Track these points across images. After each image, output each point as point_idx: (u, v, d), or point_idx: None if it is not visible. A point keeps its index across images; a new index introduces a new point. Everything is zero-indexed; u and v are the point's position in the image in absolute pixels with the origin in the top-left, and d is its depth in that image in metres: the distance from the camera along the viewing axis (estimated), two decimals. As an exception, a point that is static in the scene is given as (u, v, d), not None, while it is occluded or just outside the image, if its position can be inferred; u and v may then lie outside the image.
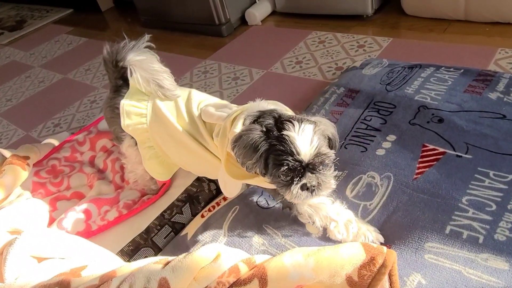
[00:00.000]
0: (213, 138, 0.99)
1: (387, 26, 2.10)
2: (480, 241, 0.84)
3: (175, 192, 1.21)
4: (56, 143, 1.49)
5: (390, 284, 0.73)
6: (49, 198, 1.28)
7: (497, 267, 0.79)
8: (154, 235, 1.13)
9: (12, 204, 1.13)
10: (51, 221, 1.19)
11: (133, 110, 1.09)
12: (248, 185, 1.11)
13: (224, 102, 1.08)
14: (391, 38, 1.96)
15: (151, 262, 0.72)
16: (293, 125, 0.79)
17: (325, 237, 0.95)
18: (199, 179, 1.25)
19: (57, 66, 2.77)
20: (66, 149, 1.44)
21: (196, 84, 2.05)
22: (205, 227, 1.13)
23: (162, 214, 1.17)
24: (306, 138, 0.78)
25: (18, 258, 0.81)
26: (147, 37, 1.08)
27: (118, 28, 3.23)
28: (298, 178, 0.79)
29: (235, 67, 2.11)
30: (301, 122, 0.80)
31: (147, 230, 1.13)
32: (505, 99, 1.16)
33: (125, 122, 1.09)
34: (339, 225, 0.91)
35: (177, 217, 1.19)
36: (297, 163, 0.78)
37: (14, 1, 4.65)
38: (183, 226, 1.18)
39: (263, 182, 0.88)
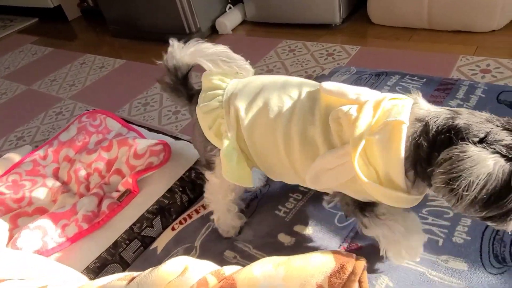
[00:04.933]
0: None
1: (355, 35, 2.15)
2: (440, 243, 0.86)
3: (144, 203, 1.17)
4: (17, 157, 1.43)
5: (361, 291, 0.73)
6: (9, 216, 1.22)
7: (457, 268, 0.80)
8: (122, 250, 1.09)
9: (-32, 223, 1.06)
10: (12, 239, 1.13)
11: (207, 108, 0.88)
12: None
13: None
14: (359, 46, 2.01)
15: (115, 279, 0.69)
16: None
17: (297, 246, 0.94)
18: (171, 190, 1.22)
19: (20, 77, 2.68)
20: (28, 163, 1.38)
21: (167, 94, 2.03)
22: (176, 241, 1.09)
23: (131, 228, 1.13)
24: None
25: (-28, 281, 0.76)
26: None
27: (86, 38, 3.17)
28: None
29: (206, 76, 2.10)
30: None
31: (115, 245, 1.09)
32: (464, 106, 1.19)
33: (205, 126, 0.88)
34: None
35: (147, 230, 1.15)
36: None
37: (-24, 10, 4.48)
38: (153, 240, 1.14)
39: (384, 195, 0.68)
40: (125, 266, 1.07)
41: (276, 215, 1.04)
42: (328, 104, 0.77)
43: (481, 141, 0.58)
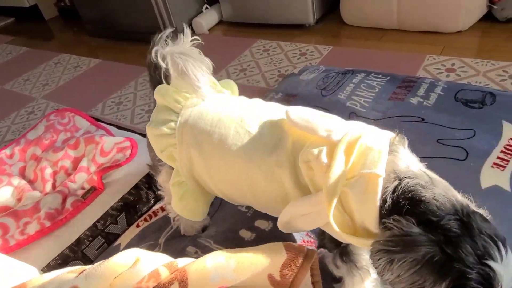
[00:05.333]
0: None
1: (328, 35, 2.18)
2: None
3: (109, 200, 1.16)
4: (-17, 156, 1.41)
5: (313, 283, 0.75)
6: (-28, 214, 1.20)
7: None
8: (85, 247, 1.09)
9: None
10: (-26, 238, 1.11)
11: (158, 132, 0.85)
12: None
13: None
14: (331, 46, 2.04)
15: (66, 272, 0.69)
16: (499, 250, 0.53)
17: (257, 240, 0.96)
18: (137, 186, 1.22)
19: (-7, 76, 2.64)
20: (-7, 162, 1.36)
21: (141, 93, 2.02)
22: (140, 238, 1.10)
23: (94, 224, 1.13)
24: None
25: None
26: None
27: (63, 37, 3.13)
28: None
29: (181, 76, 2.09)
30: (503, 242, 0.55)
31: (78, 242, 1.08)
32: (424, 103, 1.23)
33: (157, 148, 0.87)
34: None
35: (111, 227, 1.15)
36: None
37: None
38: (117, 236, 1.14)
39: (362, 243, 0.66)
40: (88, 263, 1.07)
41: (238, 211, 1.06)
42: (295, 140, 0.73)
43: (430, 223, 0.56)
